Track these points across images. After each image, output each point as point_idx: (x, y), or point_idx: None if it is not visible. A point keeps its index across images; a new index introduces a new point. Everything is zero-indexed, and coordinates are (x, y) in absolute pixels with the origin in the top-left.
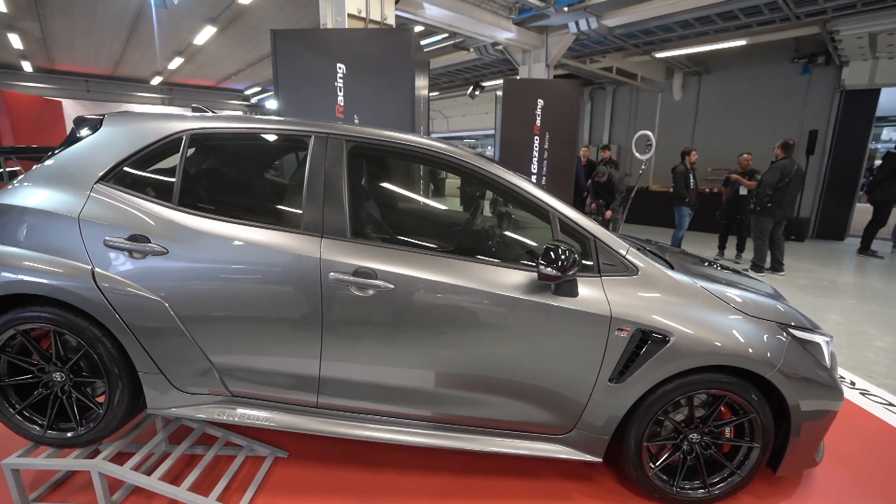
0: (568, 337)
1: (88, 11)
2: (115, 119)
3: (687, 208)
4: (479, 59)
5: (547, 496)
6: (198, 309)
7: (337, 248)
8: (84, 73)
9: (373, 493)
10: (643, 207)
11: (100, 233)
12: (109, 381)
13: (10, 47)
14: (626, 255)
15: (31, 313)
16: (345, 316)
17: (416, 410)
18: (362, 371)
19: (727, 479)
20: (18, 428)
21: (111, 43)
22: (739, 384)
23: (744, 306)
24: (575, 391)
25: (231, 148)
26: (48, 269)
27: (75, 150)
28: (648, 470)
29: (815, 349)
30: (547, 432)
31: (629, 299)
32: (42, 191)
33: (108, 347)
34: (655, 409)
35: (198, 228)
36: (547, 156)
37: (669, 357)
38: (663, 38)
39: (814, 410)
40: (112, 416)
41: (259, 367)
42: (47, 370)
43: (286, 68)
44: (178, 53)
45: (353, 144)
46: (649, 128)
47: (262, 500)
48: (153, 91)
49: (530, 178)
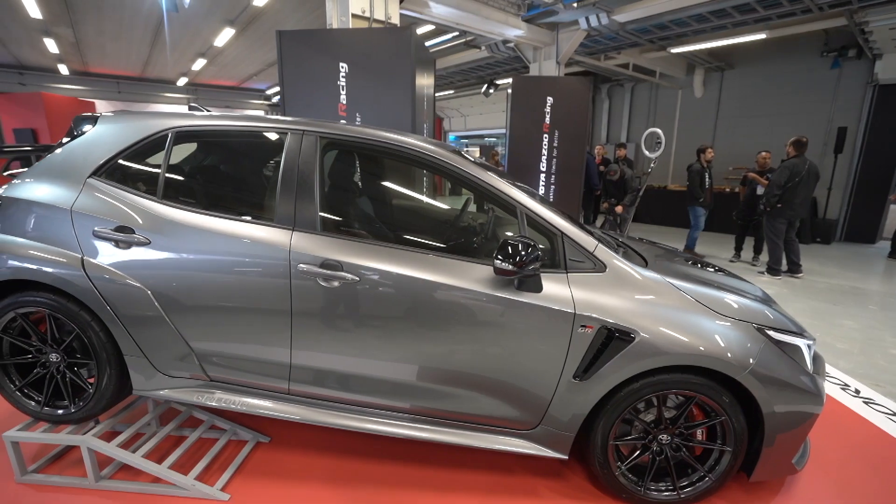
0: (530, 332)
1: (116, 16)
2: (109, 118)
3: (701, 208)
4: (490, 56)
5: (515, 491)
6: (177, 297)
7: (307, 241)
8: (115, 75)
9: (347, 480)
10: (659, 207)
11: (90, 224)
12: (98, 364)
13: (48, 52)
14: (593, 252)
15: (29, 298)
16: (312, 306)
17: (383, 401)
18: (330, 360)
19: (697, 482)
20: (18, 404)
21: (139, 46)
22: (710, 386)
23: (717, 306)
24: (539, 387)
25: (212, 144)
26: (44, 257)
27: (72, 146)
28: (615, 469)
29: (796, 352)
30: (513, 427)
31: (595, 296)
32: (41, 185)
33: (97, 332)
34: (622, 408)
35: (178, 220)
36: (556, 154)
37: (634, 356)
38: (678, 33)
39: (791, 415)
40: (101, 397)
41: (234, 354)
42: (44, 351)
43: (291, 68)
44: (201, 55)
45: (327, 141)
46: (669, 125)
47: (239, 481)
48: (179, 91)
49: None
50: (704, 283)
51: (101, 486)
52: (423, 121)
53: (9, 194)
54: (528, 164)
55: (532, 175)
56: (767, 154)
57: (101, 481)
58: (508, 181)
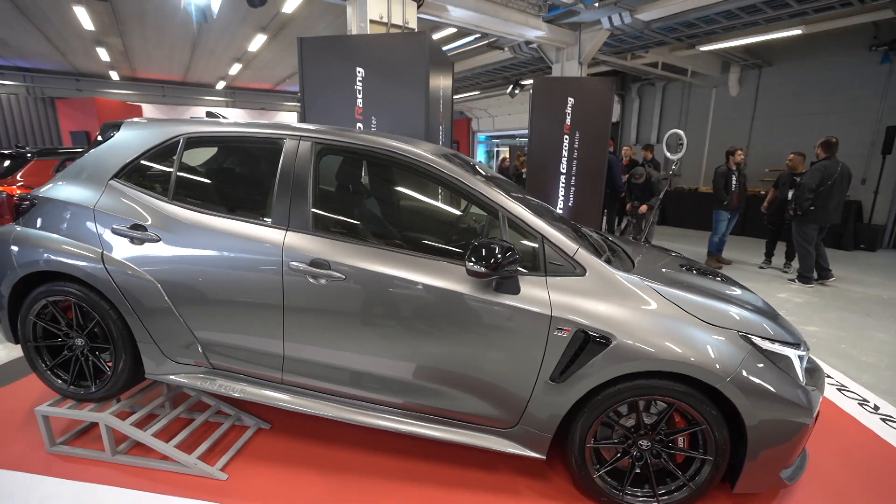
0: (507, 333)
1: (159, 26)
2: (130, 125)
3: (725, 212)
4: (514, 57)
5: (497, 488)
6: (183, 289)
7: (299, 240)
8: (160, 80)
9: (337, 469)
10: (690, 210)
11: (110, 222)
12: (115, 349)
13: (100, 60)
14: (573, 256)
15: (58, 287)
16: (302, 302)
17: (368, 394)
18: (318, 353)
19: (677, 490)
20: (48, 381)
21: (180, 53)
22: (689, 393)
23: (701, 313)
24: (517, 387)
25: (219, 149)
26: (71, 251)
27: (98, 151)
28: (592, 472)
29: (785, 363)
30: (493, 426)
31: (572, 299)
32: (71, 186)
33: (114, 320)
34: (599, 411)
35: (185, 219)
36: (577, 155)
37: (610, 359)
38: (707, 31)
39: (777, 428)
40: (117, 379)
41: (233, 344)
42: (71, 336)
43: (311, 73)
44: (237, 60)
45: (321, 146)
46: (701, 126)
47: (238, 463)
48: (218, 95)
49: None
50: (691, 289)
51: (117, 459)
52: (439, 122)
53: (44, 194)
54: (548, 165)
55: (552, 177)
56: (798, 155)
57: (116, 455)
58: (494, 185)
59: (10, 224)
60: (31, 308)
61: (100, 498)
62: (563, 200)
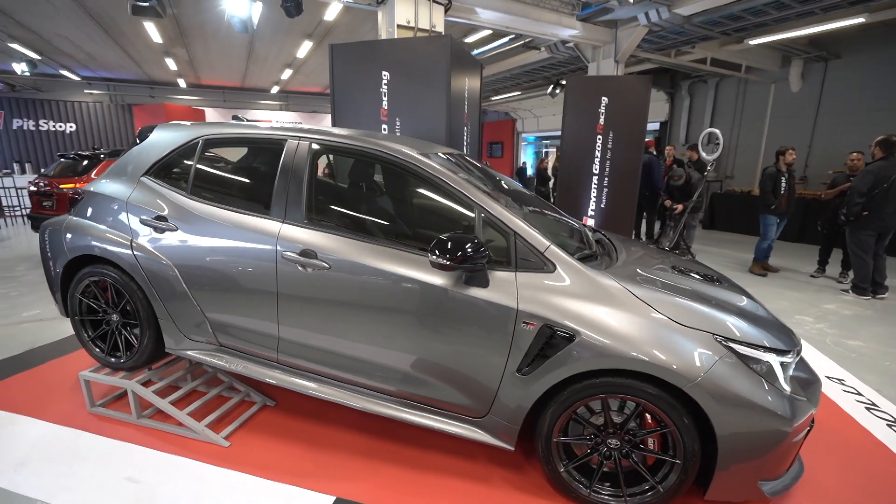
0: (475, 324)
1: (217, 36)
2: (162, 127)
3: (773, 216)
4: (551, 57)
5: (471, 476)
6: (195, 274)
7: (292, 232)
8: (221, 86)
9: (328, 446)
10: (739, 213)
11: (139, 213)
12: (141, 325)
13: (169, 69)
14: (544, 253)
15: (98, 269)
16: (293, 288)
17: (350, 376)
18: (307, 336)
19: (646, 492)
20: (90, 351)
21: (236, 61)
22: (655, 394)
23: (674, 314)
24: (486, 377)
25: (231, 149)
26: (108, 238)
27: (134, 151)
28: (559, 466)
29: (764, 368)
30: (466, 414)
31: (540, 295)
32: (111, 182)
33: (141, 299)
34: (565, 406)
35: (198, 211)
36: (610, 156)
37: (574, 355)
38: (757, 24)
39: (750, 434)
40: (143, 352)
41: (237, 325)
42: (108, 312)
43: (340, 77)
44: (287, 65)
45: (318, 146)
46: (758, 124)
47: (240, 434)
48: (273, 98)
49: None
50: (670, 290)
51: (141, 422)
52: (464, 123)
53: (89, 189)
54: (580, 166)
55: (584, 178)
56: (860, 154)
57: (140, 419)
58: (476, 183)
59: (65, 214)
60: (77, 286)
61: (122, 453)
62: (594, 202)
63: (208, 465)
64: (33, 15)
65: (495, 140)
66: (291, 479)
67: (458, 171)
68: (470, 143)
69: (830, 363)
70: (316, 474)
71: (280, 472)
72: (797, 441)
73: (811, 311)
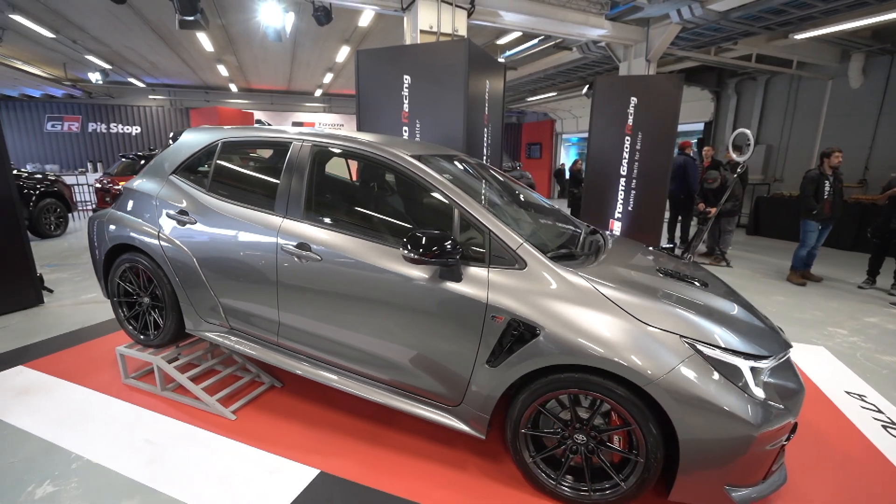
0: (448, 316)
1: (262, 43)
2: (189, 131)
3: (814, 222)
4: (584, 57)
5: (448, 462)
6: (210, 262)
7: (291, 226)
8: (269, 90)
9: (325, 427)
10: (786, 219)
11: (165, 207)
12: (166, 307)
13: (221, 74)
14: (516, 250)
15: (133, 256)
16: (290, 277)
17: (340, 361)
18: (302, 322)
19: (611, 488)
20: (125, 328)
21: (281, 66)
22: (617, 391)
23: (642, 314)
24: (459, 367)
25: (245, 150)
26: (141, 229)
27: (166, 151)
28: (526, 456)
29: (733, 372)
30: (443, 402)
31: (509, 290)
32: (146, 180)
33: (165, 284)
34: (532, 398)
35: (214, 206)
36: (638, 157)
37: (538, 350)
38: (801, 17)
39: (713, 437)
40: (167, 332)
41: (244, 310)
42: (140, 295)
43: (365, 82)
44: (329, 69)
45: (318, 148)
46: (812, 123)
47: (247, 410)
48: (317, 101)
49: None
50: (644, 291)
51: (164, 394)
52: (483, 124)
53: (128, 186)
54: (607, 168)
55: (612, 179)
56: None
57: (164, 391)
58: (461, 184)
59: (108, 208)
60: (116, 271)
61: (145, 419)
62: (622, 204)
63: (214, 434)
64: (104, 29)
65: (534, 141)
66: (284, 451)
67: (446, 172)
68: (491, 144)
69: (855, 378)
70: (307, 449)
71: (276, 445)
72: (771, 449)
73: (848, 323)
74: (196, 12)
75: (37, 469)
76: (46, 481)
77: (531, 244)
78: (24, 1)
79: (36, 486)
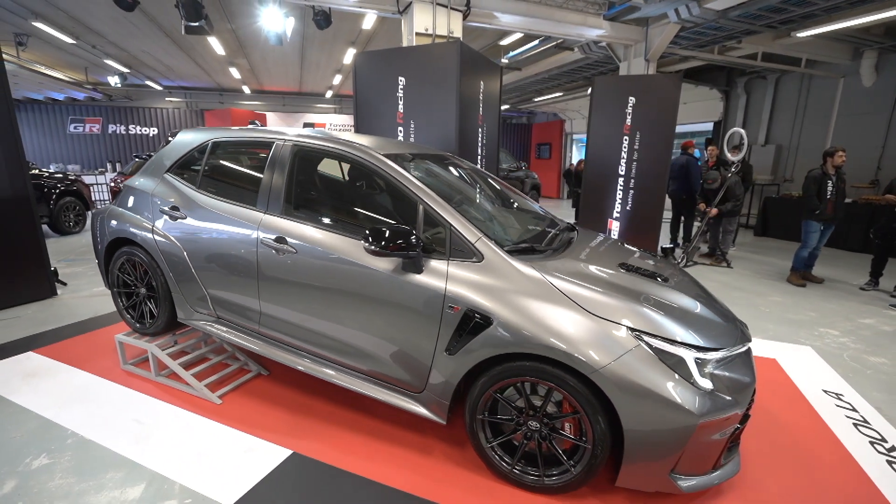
0: (410, 307)
1: (270, 46)
2: (183, 132)
3: (816, 222)
4: (586, 57)
5: (415, 447)
6: (198, 254)
7: (271, 221)
8: (281, 92)
9: (303, 412)
10: (793, 219)
11: (160, 203)
12: (160, 298)
13: (234, 77)
14: (474, 243)
15: (129, 249)
16: (269, 269)
17: (315, 349)
18: (279, 311)
19: (562, 473)
20: (124, 317)
21: (292, 68)
22: (565, 379)
23: (591, 306)
24: (421, 355)
25: (233, 150)
26: (137, 224)
27: (162, 151)
28: (483, 442)
29: (677, 363)
30: (407, 389)
31: (466, 282)
32: (143, 178)
33: (159, 276)
34: (487, 386)
35: (202, 202)
36: (637, 157)
37: (491, 339)
38: (803, 14)
39: (655, 425)
40: (160, 321)
41: (229, 300)
42: (137, 285)
43: (362, 83)
44: (337, 71)
45: (298, 147)
46: (822, 123)
47: (233, 395)
48: (328, 102)
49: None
50: (596, 284)
51: (158, 379)
52: (478, 124)
53: (127, 183)
54: (606, 167)
55: (610, 180)
56: None
57: (158, 376)
58: (427, 181)
59: (110, 203)
60: (115, 263)
61: (138, 402)
62: (620, 203)
63: (199, 417)
64: (120, 34)
65: (544, 141)
66: (262, 433)
67: (420, 171)
68: (486, 144)
69: (837, 377)
70: (284, 432)
71: (255, 427)
72: (718, 439)
73: (842, 324)
74: (201, 18)
75: (35, 443)
76: (43, 454)
77: (489, 238)
78: (46, 9)
79: (33, 458)
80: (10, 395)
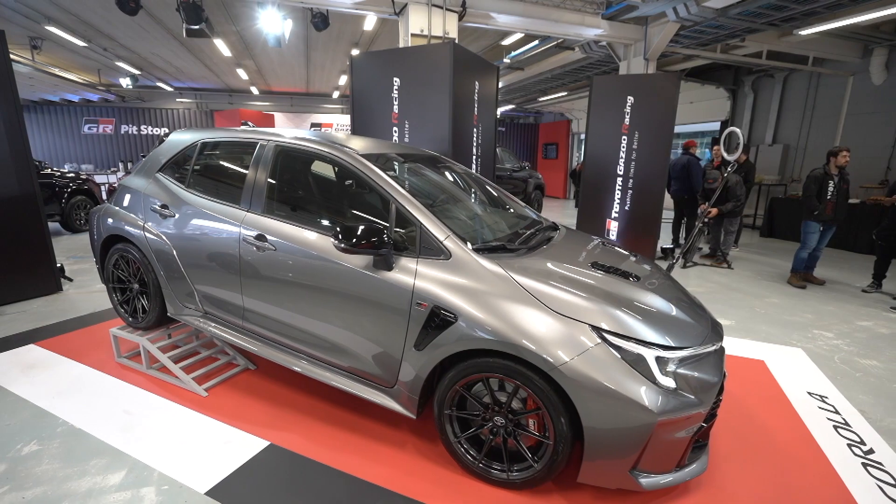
0: (381, 303)
1: (277, 48)
2: (175, 132)
3: (815, 223)
4: (587, 57)
5: (388, 440)
6: (186, 252)
7: (253, 219)
8: (289, 92)
9: (285, 405)
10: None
11: (151, 202)
12: (151, 293)
13: (242, 78)
14: (443, 241)
15: (123, 246)
16: (250, 266)
17: (296, 343)
18: (260, 306)
19: (524, 469)
20: (118, 312)
21: (298, 69)
22: (527, 376)
23: (555, 304)
24: (391, 351)
25: (220, 150)
26: (130, 221)
27: (154, 152)
28: (451, 436)
29: (637, 361)
30: (380, 384)
31: (434, 279)
32: (136, 177)
33: (150, 271)
34: (454, 381)
35: (190, 201)
36: (635, 157)
37: (456, 335)
38: (804, 12)
39: (614, 422)
40: (152, 315)
41: (215, 296)
42: (131, 282)
43: (359, 84)
44: (343, 72)
45: (281, 147)
46: (831, 122)
47: (219, 388)
48: (334, 102)
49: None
50: (562, 282)
51: (149, 372)
52: (472, 124)
53: (122, 182)
54: (604, 167)
55: (608, 179)
56: None
57: (149, 369)
58: (401, 180)
59: (105, 202)
60: (110, 259)
61: (128, 393)
62: (619, 203)
63: (185, 408)
64: (131, 37)
65: (550, 141)
66: (242, 425)
67: (398, 170)
68: (482, 144)
69: (823, 379)
70: (263, 424)
71: (236, 419)
72: (680, 438)
73: (838, 326)
74: (201, 21)
75: (27, 431)
76: (33, 441)
77: (457, 236)
78: (58, 13)
79: (24, 444)
80: (9, 385)
